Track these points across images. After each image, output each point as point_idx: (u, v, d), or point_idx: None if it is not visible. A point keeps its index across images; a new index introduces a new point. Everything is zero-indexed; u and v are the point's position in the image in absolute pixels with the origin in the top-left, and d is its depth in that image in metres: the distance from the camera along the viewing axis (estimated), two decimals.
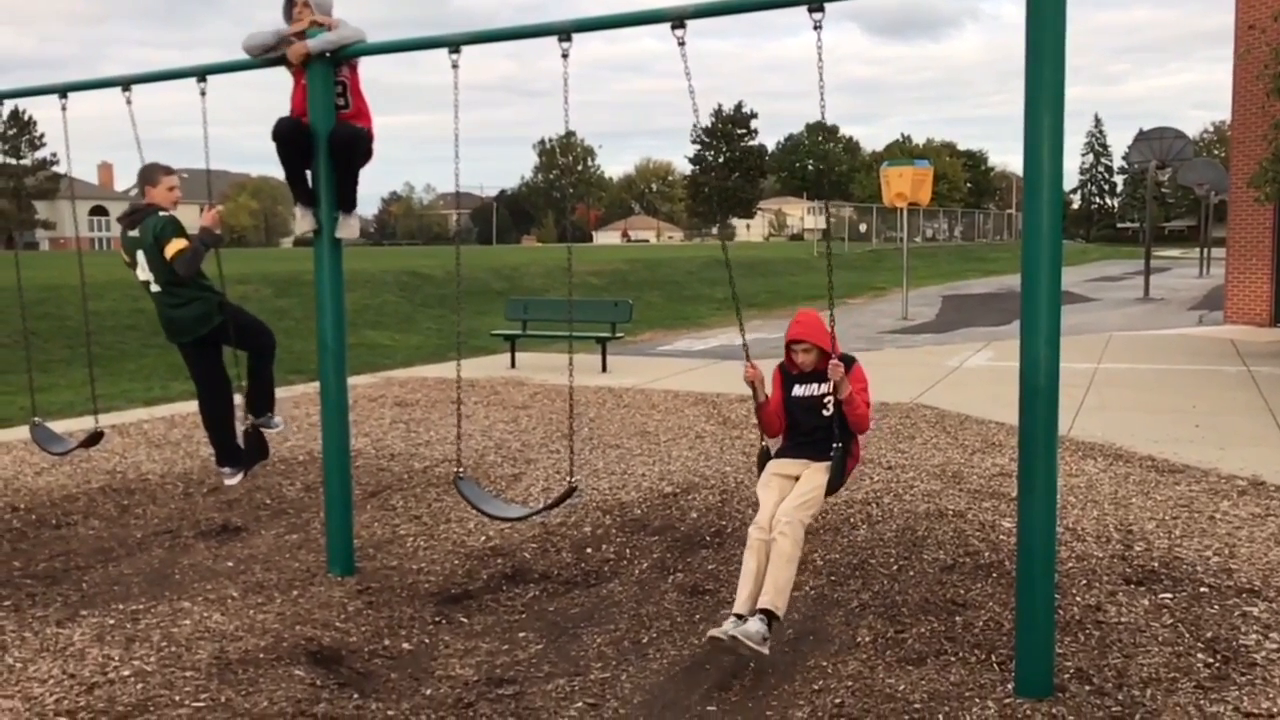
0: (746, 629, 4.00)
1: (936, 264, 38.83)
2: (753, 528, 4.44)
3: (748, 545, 4.38)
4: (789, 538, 4.26)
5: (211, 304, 5.51)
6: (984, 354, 13.95)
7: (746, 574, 4.31)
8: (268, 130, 5.00)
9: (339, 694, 3.87)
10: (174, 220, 5.44)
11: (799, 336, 4.81)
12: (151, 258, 5.41)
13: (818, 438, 4.64)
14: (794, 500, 4.46)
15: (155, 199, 5.51)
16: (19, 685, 3.94)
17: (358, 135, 5.07)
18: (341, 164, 5.08)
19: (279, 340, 5.91)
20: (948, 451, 7.81)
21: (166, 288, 5.45)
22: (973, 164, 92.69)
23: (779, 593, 4.18)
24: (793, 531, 4.28)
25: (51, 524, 6.26)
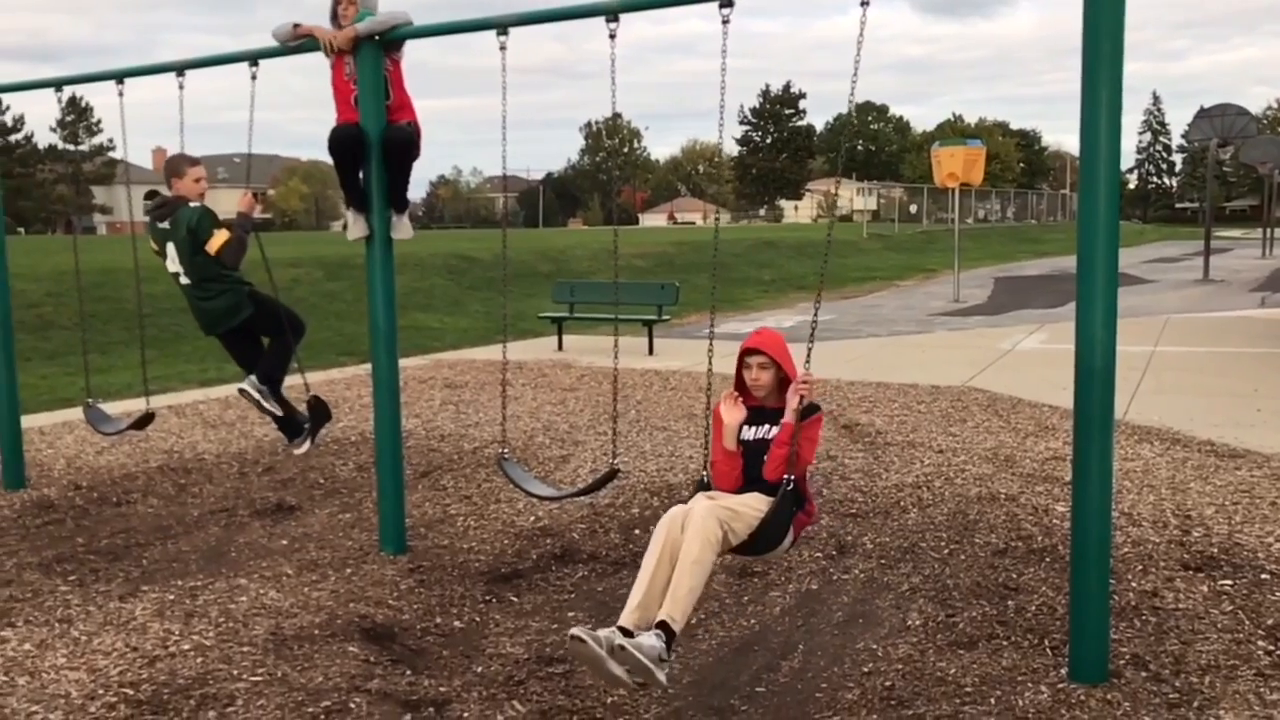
0: (640, 642, 3.35)
1: (988, 245, 38.31)
2: (665, 517, 3.76)
3: (653, 537, 3.71)
4: (699, 538, 3.61)
5: (241, 295, 5.52)
6: (1037, 336, 13.75)
7: (643, 575, 3.64)
8: (317, 115, 5.10)
9: (392, 670, 3.93)
10: (208, 212, 5.44)
11: (756, 346, 4.14)
12: (182, 251, 5.41)
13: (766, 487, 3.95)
14: (722, 502, 3.85)
15: (183, 191, 5.51)
16: (85, 657, 4.05)
17: (411, 139, 5.09)
18: (395, 166, 5.10)
19: (330, 323, 5.99)
20: (1000, 435, 7.72)
21: (196, 280, 5.47)
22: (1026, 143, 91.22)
23: (677, 605, 3.52)
24: (705, 530, 3.62)
25: (112, 502, 6.41)
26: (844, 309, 18.62)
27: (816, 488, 6.36)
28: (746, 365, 4.17)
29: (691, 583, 3.58)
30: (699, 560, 3.60)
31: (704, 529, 3.64)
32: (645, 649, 3.36)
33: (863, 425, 8.15)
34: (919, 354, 12.28)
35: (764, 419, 4.07)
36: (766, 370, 4.12)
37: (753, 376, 4.14)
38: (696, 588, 3.60)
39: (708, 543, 3.64)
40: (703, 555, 3.61)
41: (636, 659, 3.31)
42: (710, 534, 3.65)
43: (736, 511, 3.79)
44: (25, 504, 6.37)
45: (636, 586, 3.64)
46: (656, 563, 3.65)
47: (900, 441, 7.56)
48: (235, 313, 5.52)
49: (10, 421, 6.81)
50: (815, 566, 5.01)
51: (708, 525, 3.66)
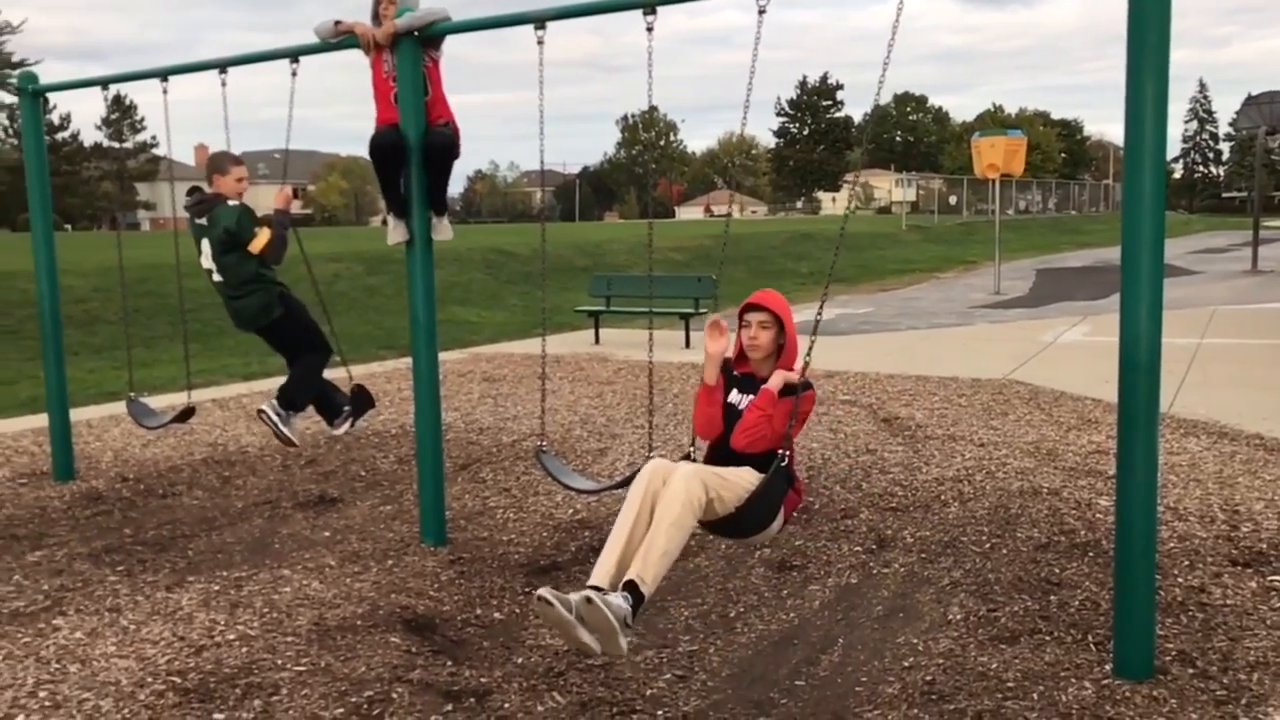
0: (609, 599, 3.17)
1: (1030, 236, 37.86)
2: (645, 469, 3.55)
3: (631, 490, 3.51)
4: (681, 498, 3.38)
5: (272, 295, 5.52)
6: (1080, 329, 13.58)
7: (618, 531, 3.42)
8: (356, 111, 5.19)
9: (433, 661, 3.96)
10: (247, 211, 5.46)
11: (759, 302, 3.87)
12: (216, 248, 5.44)
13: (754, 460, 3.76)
14: (709, 469, 3.61)
15: (223, 188, 5.53)
16: (133, 646, 4.12)
17: (452, 142, 5.13)
18: (435, 170, 5.13)
19: (370, 317, 6.04)
20: (1042, 428, 7.64)
21: (227, 278, 5.48)
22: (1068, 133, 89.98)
23: (647, 566, 3.31)
24: (689, 490, 3.40)
25: (158, 494, 6.51)
26: (883, 301, 18.49)
27: (856, 481, 6.34)
28: (745, 323, 3.89)
29: (667, 545, 3.35)
30: (678, 522, 3.37)
31: (688, 489, 3.41)
32: (614, 607, 3.16)
33: (902, 418, 8.09)
34: (959, 346, 12.17)
35: (754, 387, 3.82)
36: (767, 330, 3.85)
37: (750, 335, 3.86)
38: (671, 551, 3.36)
39: (689, 505, 3.40)
40: (683, 517, 3.38)
41: (604, 615, 3.12)
42: (694, 496, 3.42)
43: (726, 480, 3.56)
44: (75, 495, 6.49)
45: (610, 542, 3.42)
46: (635, 518, 3.44)
47: (940, 435, 7.50)
48: (266, 312, 5.53)
49: (60, 415, 6.93)
50: (855, 560, 4.99)
51: (692, 486, 3.42)
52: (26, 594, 4.75)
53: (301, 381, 5.69)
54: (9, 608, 4.58)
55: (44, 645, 4.15)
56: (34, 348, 11.72)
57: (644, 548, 3.37)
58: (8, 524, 5.90)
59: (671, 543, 3.38)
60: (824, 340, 13.15)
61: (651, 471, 3.55)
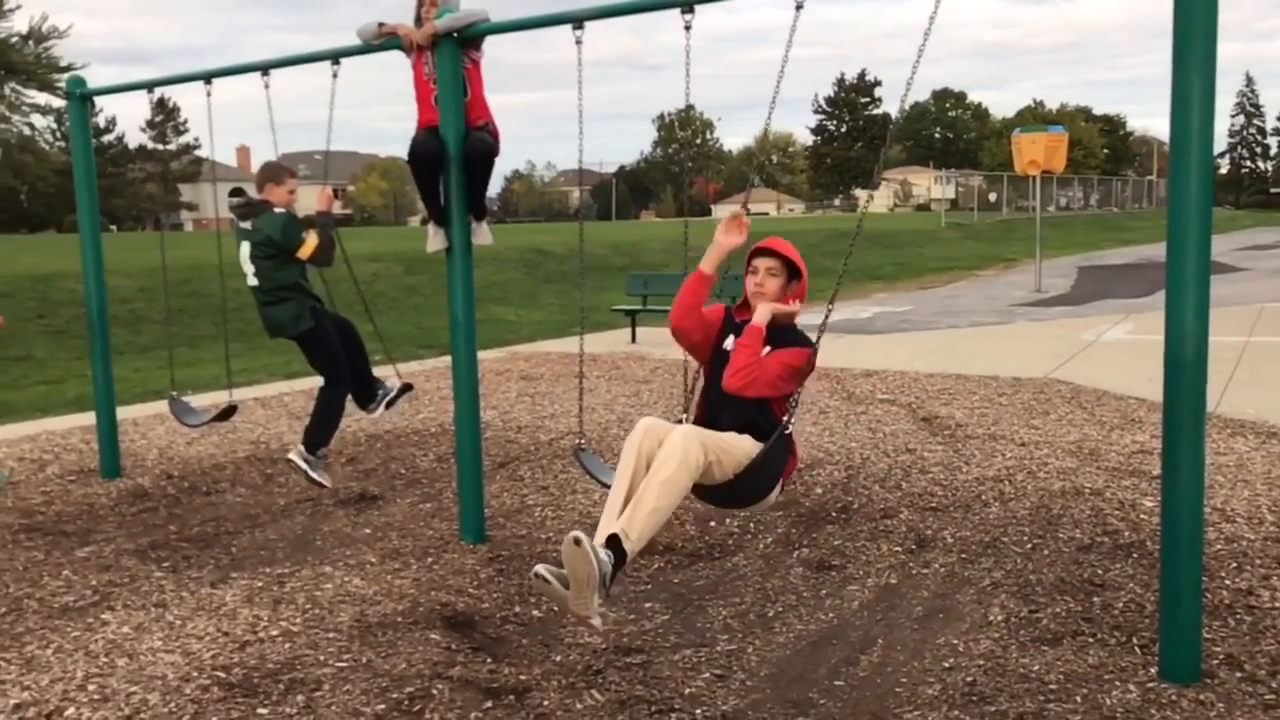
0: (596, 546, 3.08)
1: (1071, 233, 37.39)
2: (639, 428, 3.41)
3: (624, 452, 3.38)
4: (678, 457, 3.24)
5: (304, 307, 5.47)
6: (1123, 327, 13.39)
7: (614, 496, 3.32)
8: (396, 111, 5.24)
9: (473, 658, 3.99)
10: (293, 218, 5.46)
11: (770, 247, 3.74)
12: (256, 252, 5.44)
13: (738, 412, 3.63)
14: (709, 432, 3.45)
15: (274, 197, 5.53)
16: (179, 641, 4.19)
17: (492, 148, 5.15)
18: (475, 177, 5.16)
19: (410, 316, 6.08)
20: (1084, 428, 7.55)
21: (262, 283, 5.48)
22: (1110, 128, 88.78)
23: (634, 522, 3.17)
24: (687, 450, 3.26)
25: (202, 491, 6.61)
26: (922, 299, 18.35)
27: (895, 481, 6.29)
28: (752, 269, 3.73)
29: (657, 502, 3.20)
30: (671, 480, 3.22)
31: (686, 449, 3.25)
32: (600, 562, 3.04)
33: (942, 418, 8.03)
34: (1000, 345, 12.05)
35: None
36: (775, 278, 3.70)
37: (757, 282, 3.71)
38: (662, 509, 3.21)
39: (686, 464, 3.25)
40: (677, 475, 3.23)
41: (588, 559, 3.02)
42: (692, 455, 3.26)
43: (725, 445, 3.42)
44: (121, 492, 6.60)
45: (607, 509, 3.31)
46: (631, 479, 3.30)
47: (981, 434, 7.44)
48: (295, 323, 5.49)
49: (107, 413, 7.05)
50: (894, 560, 4.96)
51: (690, 446, 3.27)
52: (76, 589, 4.84)
53: (320, 419, 5.63)
54: (59, 602, 4.67)
55: (93, 639, 4.22)
56: (81, 347, 11.94)
57: (634, 501, 3.23)
58: (57, 520, 6.02)
59: (663, 500, 3.23)
60: (863, 339, 13.08)
61: (645, 430, 3.41)
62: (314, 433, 5.63)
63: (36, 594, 4.79)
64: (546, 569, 3.20)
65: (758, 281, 3.76)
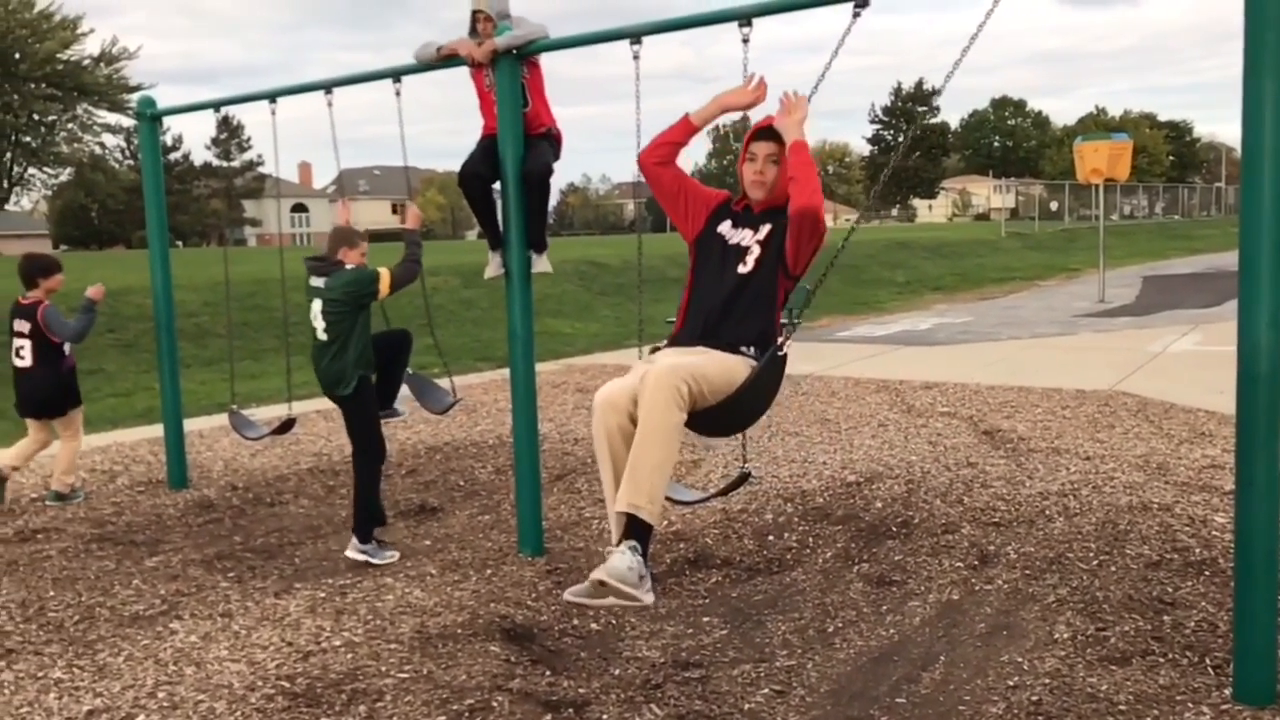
0: (611, 566, 2.93)
1: (1135, 243, 36.66)
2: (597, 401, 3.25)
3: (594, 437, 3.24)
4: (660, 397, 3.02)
5: (349, 372, 5.33)
6: (1190, 338, 13.09)
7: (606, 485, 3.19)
8: (453, 127, 5.36)
9: (532, 671, 4.00)
10: (363, 273, 5.35)
11: (771, 126, 3.44)
12: (327, 309, 5.37)
13: (730, 311, 3.37)
14: (672, 361, 3.19)
15: (348, 260, 5.45)
16: (244, 650, 4.26)
17: (548, 169, 5.19)
18: (533, 200, 5.18)
19: (468, 330, 6.13)
20: (1151, 441, 7.38)
21: (330, 339, 5.38)
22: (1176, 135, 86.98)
23: (639, 487, 3.01)
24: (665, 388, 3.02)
25: (266, 502, 6.72)
26: (982, 310, 18.11)
27: (956, 495, 6.21)
28: (750, 155, 3.46)
29: (655, 456, 3.02)
30: (661, 427, 3.02)
31: (666, 386, 3.05)
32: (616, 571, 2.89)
33: (1004, 431, 7.90)
34: (1063, 357, 11.84)
35: (752, 222, 3.44)
36: (776, 166, 3.41)
37: (757, 170, 3.44)
38: (664, 462, 3.03)
39: (671, 401, 3.05)
40: (667, 419, 3.03)
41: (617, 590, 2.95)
42: (677, 391, 3.05)
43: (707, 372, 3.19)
44: (188, 503, 6.73)
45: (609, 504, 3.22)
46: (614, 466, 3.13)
47: (1044, 448, 7.31)
48: (338, 382, 5.36)
49: (175, 425, 7.21)
50: (956, 576, 4.89)
51: (669, 383, 3.05)
52: (145, 598, 4.95)
53: (364, 505, 5.45)
54: (130, 611, 4.78)
55: (162, 648, 4.31)
56: (149, 360, 12.22)
57: (630, 467, 3.03)
58: (127, 530, 6.16)
59: (660, 450, 3.06)
60: (922, 350, 12.94)
61: (604, 407, 3.20)
62: (361, 523, 5.43)
63: (108, 602, 4.90)
64: (576, 594, 3.15)
65: (757, 169, 3.47)
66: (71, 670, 4.12)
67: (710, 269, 3.51)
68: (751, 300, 3.40)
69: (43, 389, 6.73)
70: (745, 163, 3.46)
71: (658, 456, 3.00)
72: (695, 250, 3.62)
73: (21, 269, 6.84)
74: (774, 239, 3.45)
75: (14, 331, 6.70)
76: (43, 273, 6.74)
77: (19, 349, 6.68)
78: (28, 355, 6.65)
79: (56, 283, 6.82)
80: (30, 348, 6.64)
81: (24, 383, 6.75)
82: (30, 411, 6.82)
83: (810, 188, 3.25)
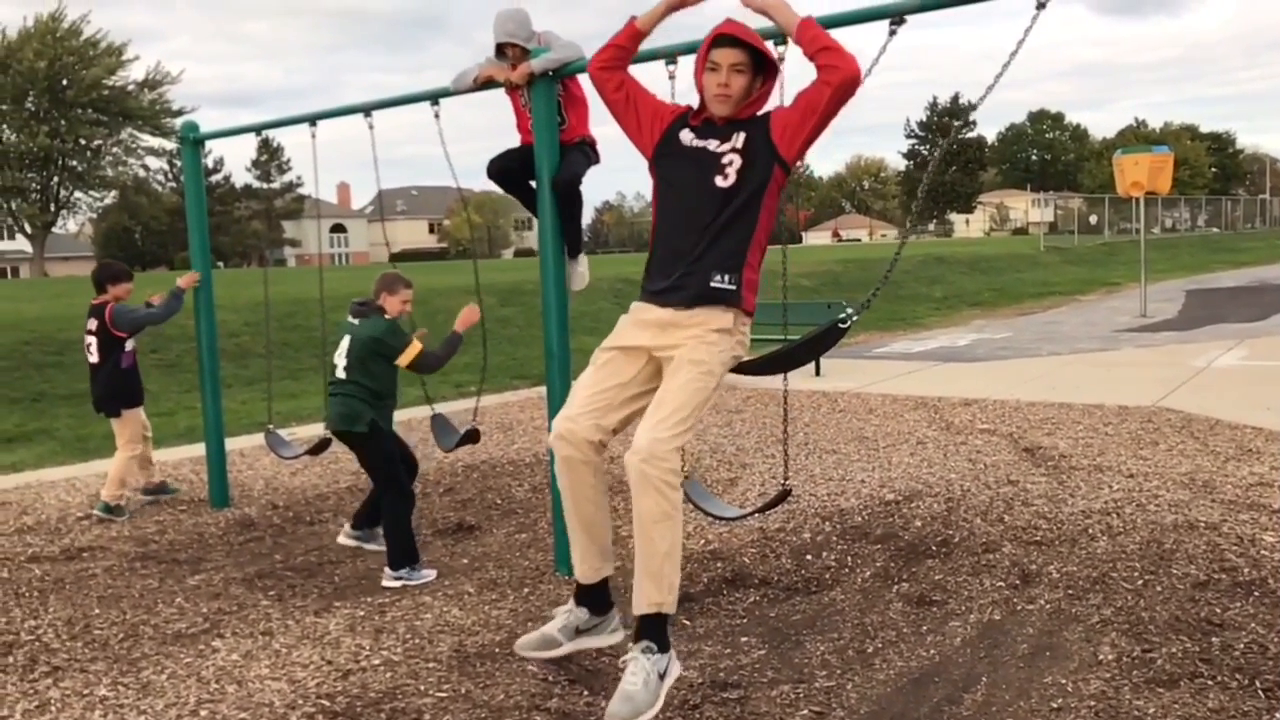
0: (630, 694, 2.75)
1: (1178, 256, 36.16)
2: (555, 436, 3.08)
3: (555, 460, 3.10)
4: (645, 491, 2.81)
5: (362, 415, 5.33)
6: (1236, 353, 12.87)
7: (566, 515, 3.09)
8: (490, 148, 5.40)
9: (569, 690, 4.00)
10: (396, 327, 5.43)
11: (732, 33, 3.05)
12: (352, 348, 5.39)
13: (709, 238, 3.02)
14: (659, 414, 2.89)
15: (388, 306, 5.51)
16: (285, 669, 4.29)
17: (575, 178, 5.24)
18: (564, 209, 5.23)
19: (504, 348, 6.16)
20: (1196, 458, 7.26)
21: (348, 377, 5.39)
22: (1218, 146, 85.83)
23: (658, 584, 2.83)
24: (646, 484, 2.81)
25: (306, 520, 6.78)
26: (1021, 326, 17.93)
27: (997, 513, 6.13)
28: (712, 65, 3.06)
29: (665, 544, 2.82)
30: (664, 515, 2.80)
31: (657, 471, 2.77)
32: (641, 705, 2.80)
33: (1045, 448, 7.81)
34: (1104, 372, 11.69)
35: (716, 134, 3.10)
36: (741, 76, 3.05)
37: (720, 82, 3.04)
38: (675, 546, 2.83)
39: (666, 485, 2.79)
40: (664, 503, 2.79)
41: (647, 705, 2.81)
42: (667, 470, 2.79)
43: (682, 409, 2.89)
44: (229, 522, 6.81)
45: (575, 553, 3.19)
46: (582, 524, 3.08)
47: (1086, 465, 7.21)
48: (348, 420, 5.37)
49: (217, 445, 7.30)
50: (998, 596, 4.83)
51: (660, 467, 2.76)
52: (188, 616, 5.01)
53: (393, 542, 5.42)
54: (173, 629, 4.84)
55: (204, 666, 4.35)
56: (191, 380, 12.39)
57: (641, 566, 2.87)
58: (170, 549, 6.24)
59: (669, 537, 2.87)
60: (961, 367, 12.83)
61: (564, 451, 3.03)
62: (395, 556, 5.41)
63: (151, 620, 4.96)
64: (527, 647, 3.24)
65: (720, 82, 3.07)
66: (116, 688, 4.17)
67: (680, 186, 3.15)
68: (731, 221, 3.04)
69: (99, 384, 7.07)
70: (705, 73, 3.08)
71: (667, 543, 2.86)
72: (656, 167, 3.28)
73: (94, 275, 7.27)
74: (752, 147, 3.10)
75: (86, 330, 7.14)
76: (112, 280, 7.13)
77: (88, 345, 7.10)
78: (94, 351, 7.05)
79: (124, 290, 7.17)
80: (96, 345, 7.00)
81: (91, 379, 7.17)
82: (95, 407, 7.20)
83: (847, 52, 2.98)
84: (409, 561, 5.39)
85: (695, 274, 3.11)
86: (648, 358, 3.18)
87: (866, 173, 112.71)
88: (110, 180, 62.55)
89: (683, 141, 3.18)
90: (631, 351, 3.20)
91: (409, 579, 5.35)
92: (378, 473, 5.53)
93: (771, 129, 3.14)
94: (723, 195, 3.07)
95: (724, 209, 3.08)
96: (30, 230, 60.16)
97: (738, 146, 3.09)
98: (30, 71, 54.63)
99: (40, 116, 56.89)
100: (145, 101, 59.70)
